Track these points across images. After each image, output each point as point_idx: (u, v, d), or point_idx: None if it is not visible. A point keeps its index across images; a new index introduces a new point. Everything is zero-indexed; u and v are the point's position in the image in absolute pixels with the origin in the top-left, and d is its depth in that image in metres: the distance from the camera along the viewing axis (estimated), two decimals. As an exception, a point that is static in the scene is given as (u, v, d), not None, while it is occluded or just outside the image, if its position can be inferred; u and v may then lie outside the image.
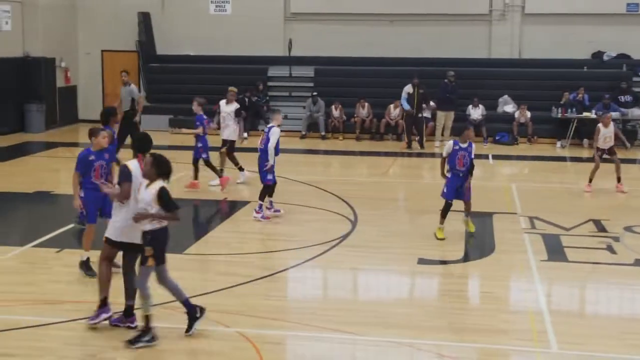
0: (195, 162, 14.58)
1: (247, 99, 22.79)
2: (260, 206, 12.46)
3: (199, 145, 14.44)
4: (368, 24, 24.32)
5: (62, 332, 7.76)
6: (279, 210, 12.68)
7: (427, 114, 21.80)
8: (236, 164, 15.15)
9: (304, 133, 22.53)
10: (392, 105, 22.22)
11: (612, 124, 15.41)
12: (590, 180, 15.00)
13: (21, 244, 10.81)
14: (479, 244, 11.31)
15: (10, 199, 14.04)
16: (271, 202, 12.61)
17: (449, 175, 11.39)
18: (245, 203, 13.50)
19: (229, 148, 15.10)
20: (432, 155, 20.13)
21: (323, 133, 22.43)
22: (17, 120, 22.63)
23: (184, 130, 15.90)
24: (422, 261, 10.35)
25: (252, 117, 22.54)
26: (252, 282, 9.31)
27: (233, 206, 13.47)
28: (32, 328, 7.82)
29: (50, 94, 23.56)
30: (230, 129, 15.08)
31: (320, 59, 24.29)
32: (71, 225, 11.68)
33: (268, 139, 12.31)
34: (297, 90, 24.05)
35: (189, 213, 13.88)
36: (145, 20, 24.73)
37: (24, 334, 7.70)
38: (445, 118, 21.48)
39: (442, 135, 21.53)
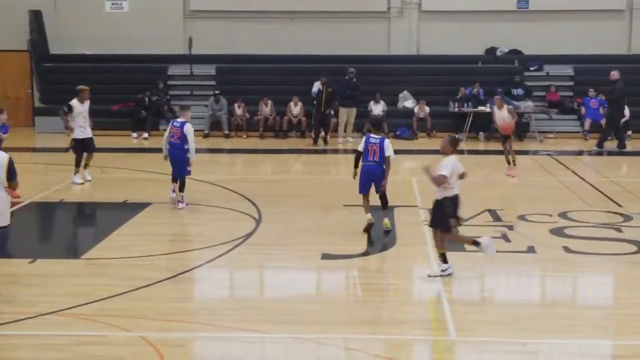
0: None
1: (147, 99, 22.42)
2: (183, 197, 13.01)
3: None
4: (269, 21, 24.31)
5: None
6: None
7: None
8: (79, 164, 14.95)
9: (206, 132, 22.31)
10: (292, 103, 22.27)
11: (505, 107, 16.14)
12: (508, 162, 16.40)
13: None
14: (380, 237, 11.45)
15: None
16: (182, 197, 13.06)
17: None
18: (146, 205, 13.24)
19: (91, 147, 14.94)
20: (336, 151, 20.31)
21: (226, 132, 22.28)
22: None
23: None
24: (326, 256, 10.39)
25: (153, 117, 22.17)
26: (155, 285, 9.13)
27: (133, 208, 13.17)
28: None
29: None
30: (87, 129, 14.87)
31: (222, 57, 24.10)
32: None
33: (184, 135, 12.79)
34: (198, 89, 23.81)
35: (87, 216, 13.55)
36: (37, 18, 23.95)
37: None
38: (347, 114, 21.66)
39: (345, 131, 21.72)
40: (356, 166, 11.48)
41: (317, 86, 21.23)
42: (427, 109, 22.62)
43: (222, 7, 24.36)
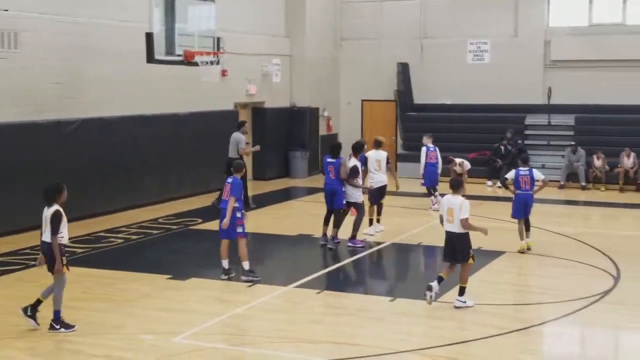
0: None
1: (503, 148, 22.63)
2: None
3: None
4: (634, 70, 23.14)
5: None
6: None
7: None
8: None
9: (562, 183, 21.83)
10: (657, 156, 20.93)
11: None
12: None
13: (285, 284, 11.51)
14: None
15: (275, 240, 15.03)
16: None
17: None
18: (500, 253, 13.36)
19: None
20: None
21: (583, 183, 21.57)
22: (282, 166, 24.20)
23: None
24: (694, 324, 9.60)
25: (509, 166, 22.21)
26: (507, 334, 9.17)
27: (487, 255, 13.36)
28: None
29: (314, 141, 24.96)
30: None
31: (582, 107, 23.49)
32: (330, 268, 12.38)
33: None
34: (555, 139, 23.42)
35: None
36: (404, 70, 25.48)
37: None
38: None
39: None
40: None
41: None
42: None
43: (584, 57, 23.73)
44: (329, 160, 14.00)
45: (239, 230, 11.36)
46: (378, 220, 15.36)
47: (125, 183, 17.58)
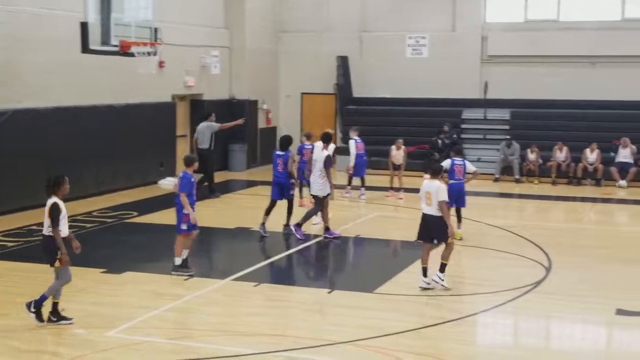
0: None
1: (440, 141, 22.91)
2: None
3: None
4: (567, 65, 23.70)
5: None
6: None
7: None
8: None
9: (497, 176, 22.22)
10: (588, 150, 21.47)
11: None
12: None
13: (222, 277, 11.45)
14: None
15: (214, 234, 14.94)
16: None
17: None
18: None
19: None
20: (637, 202, 19.12)
21: (517, 177, 22.00)
22: (221, 159, 24.01)
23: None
24: (621, 312, 9.87)
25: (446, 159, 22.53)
26: (442, 325, 9.31)
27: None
28: (228, 358, 8.26)
29: (252, 134, 24.85)
30: None
31: (517, 102, 23.97)
32: (268, 261, 12.36)
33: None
34: (491, 132, 23.82)
35: (380, 252, 14.10)
36: (343, 64, 25.55)
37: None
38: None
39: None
40: None
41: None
42: None
43: (520, 52, 24.19)
44: (278, 153, 14.13)
45: (183, 227, 11.25)
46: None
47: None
